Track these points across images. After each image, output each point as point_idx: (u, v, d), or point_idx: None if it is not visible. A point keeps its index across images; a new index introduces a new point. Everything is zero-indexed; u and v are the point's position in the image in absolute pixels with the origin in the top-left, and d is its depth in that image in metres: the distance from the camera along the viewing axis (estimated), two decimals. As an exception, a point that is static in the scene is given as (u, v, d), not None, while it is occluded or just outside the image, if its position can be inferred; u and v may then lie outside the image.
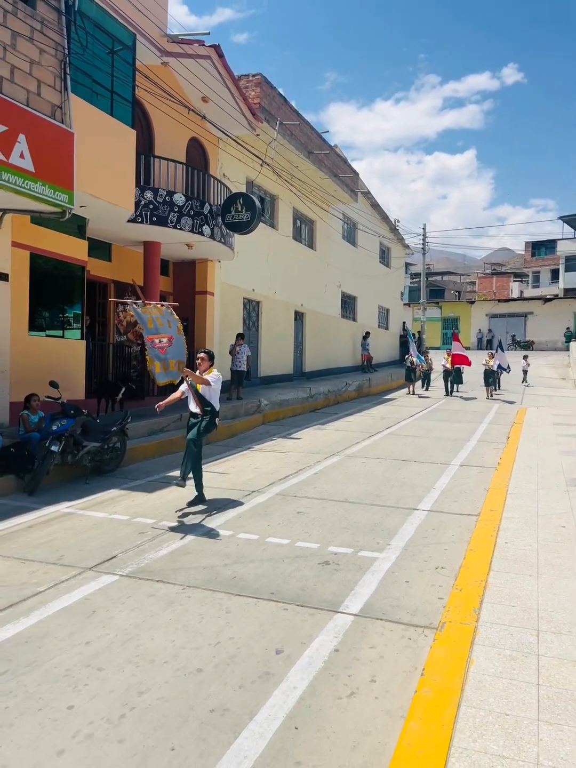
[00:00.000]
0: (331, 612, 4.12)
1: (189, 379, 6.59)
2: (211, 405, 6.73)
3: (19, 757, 2.63)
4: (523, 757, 2.40)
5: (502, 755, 2.41)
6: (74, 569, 4.83)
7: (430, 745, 2.51)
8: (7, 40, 7.82)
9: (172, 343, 6.46)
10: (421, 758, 2.43)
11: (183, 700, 3.08)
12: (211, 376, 6.71)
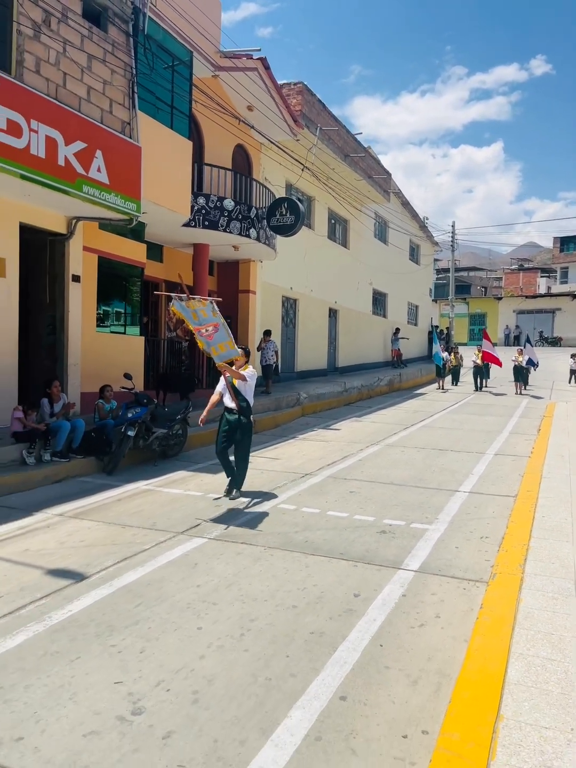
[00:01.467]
0: (394, 569, 4.85)
1: (227, 375, 6.86)
2: (246, 400, 6.95)
3: (171, 660, 3.41)
4: (567, 659, 3.11)
5: (550, 658, 3.13)
6: (168, 533, 5.63)
7: (494, 652, 3.23)
8: (83, 63, 8.65)
9: (218, 329, 6.79)
10: (487, 659, 3.16)
11: (286, 626, 3.84)
12: (247, 372, 6.95)
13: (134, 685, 3.13)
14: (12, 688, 3.09)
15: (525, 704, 2.73)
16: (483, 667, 3.11)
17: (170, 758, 2.59)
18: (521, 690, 2.85)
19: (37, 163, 7.57)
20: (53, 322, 9.82)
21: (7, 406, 8.57)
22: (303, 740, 2.72)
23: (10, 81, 7.23)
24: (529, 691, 2.84)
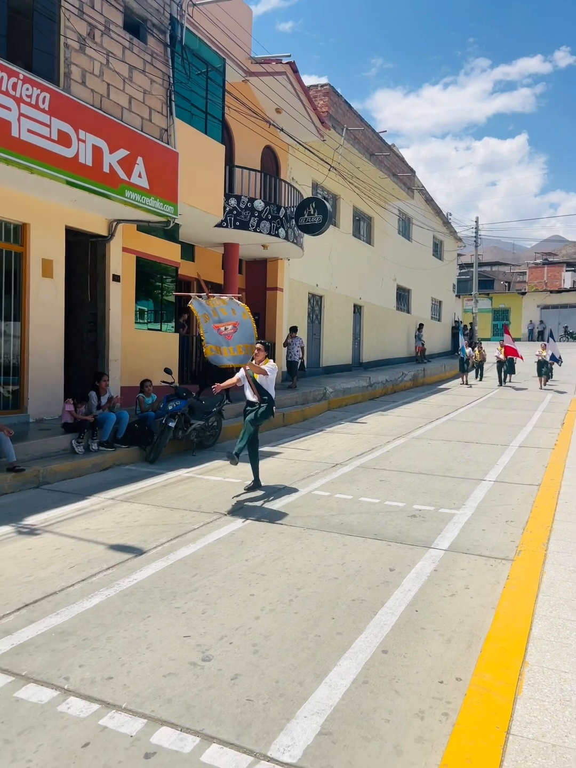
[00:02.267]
0: (425, 548, 5.24)
1: (248, 369, 6.84)
2: (269, 394, 6.96)
3: (230, 620, 3.85)
4: (586, 620, 3.49)
5: (571, 619, 3.50)
6: (214, 515, 6.08)
7: (519, 614, 3.61)
8: (125, 74, 9.14)
9: (237, 328, 6.72)
10: (514, 620, 3.54)
11: (330, 594, 4.26)
12: (268, 366, 6.94)
13: (201, 639, 3.58)
14: (96, 639, 3.56)
15: (547, 654, 3.11)
16: (510, 625, 3.50)
17: (239, 694, 3.03)
18: (544, 643, 3.23)
19: (84, 171, 8.07)
20: (94, 320, 10.36)
21: (55, 399, 9.12)
22: (352, 683, 3.13)
23: (61, 93, 7.72)
24: (551, 644, 3.22)
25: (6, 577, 4.46)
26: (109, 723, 2.78)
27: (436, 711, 2.91)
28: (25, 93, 7.16)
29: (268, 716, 2.85)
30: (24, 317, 8.74)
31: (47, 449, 7.76)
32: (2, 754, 2.57)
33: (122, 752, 2.59)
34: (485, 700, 2.76)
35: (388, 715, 2.87)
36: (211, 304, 6.70)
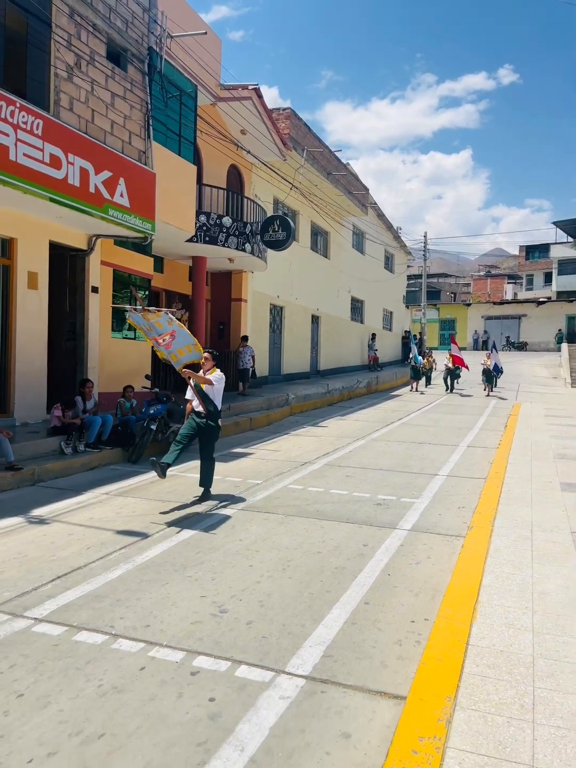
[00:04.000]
0: (391, 528, 6.10)
1: (192, 380, 6.80)
2: (214, 404, 6.93)
3: (236, 584, 4.58)
4: (523, 573, 4.40)
5: (512, 573, 4.41)
6: (203, 505, 6.79)
7: (472, 571, 4.50)
8: (108, 100, 9.78)
9: (175, 336, 6.81)
10: (468, 575, 4.42)
11: (315, 563, 5.05)
12: (214, 376, 6.89)
13: (215, 598, 4.31)
14: (127, 600, 4.24)
15: (494, 595, 4.00)
16: (465, 579, 4.38)
17: (255, 633, 3.78)
18: (492, 589, 4.12)
19: (73, 191, 8.66)
20: (73, 329, 10.88)
21: (39, 404, 9.64)
22: (343, 624, 3.93)
23: (52, 120, 8.32)
24: (497, 589, 4.11)
25: (31, 557, 5.07)
26: (156, 654, 3.49)
27: (410, 640, 3.75)
28: (22, 120, 7.74)
29: (281, 647, 3.62)
30: (11, 326, 9.23)
31: (38, 450, 8.29)
32: (77, 676, 3.25)
33: (172, 672, 3.31)
34: (449, 626, 3.61)
35: (373, 644, 3.68)
36: (146, 318, 6.85)
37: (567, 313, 46.35)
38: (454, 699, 2.80)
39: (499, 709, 2.72)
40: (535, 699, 2.80)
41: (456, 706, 2.74)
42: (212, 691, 3.14)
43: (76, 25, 9.01)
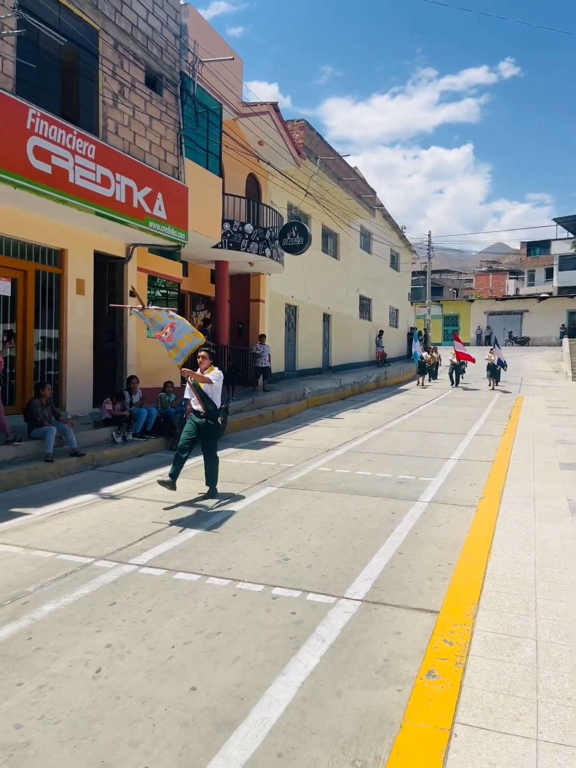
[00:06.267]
0: (413, 501, 7.09)
1: (190, 379, 6.85)
2: (213, 403, 6.97)
3: (291, 540, 5.57)
4: (527, 529, 5.39)
5: (518, 529, 5.40)
6: (247, 484, 7.79)
7: (485, 529, 5.49)
8: (147, 123, 10.75)
9: (175, 327, 7.01)
10: (482, 532, 5.41)
11: (353, 526, 6.05)
12: (212, 374, 6.91)
13: (277, 550, 5.31)
14: (206, 551, 5.24)
15: (504, 544, 4.99)
16: (480, 534, 5.37)
17: (315, 573, 4.77)
18: (502, 540, 5.11)
19: (119, 207, 9.65)
20: (112, 330, 11.88)
21: (86, 399, 10.64)
22: (383, 567, 4.92)
23: (102, 144, 9.30)
24: (506, 540, 5.10)
25: (117, 522, 6.08)
26: (242, 587, 4.49)
27: (439, 576, 4.74)
28: (78, 146, 8.72)
29: (337, 582, 4.61)
30: (62, 328, 10.23)
31: (93, 439, 9.29)
32: (187, 600, 4.25)
33: (257, 597, 4.31)
34: (470, 564, 4.61)
35: (410, 580, 4.68)
36: (147, 314, 7.10)
37: (568, 309, 47.23)
38: (478, 604, 3.79)
39: (510, 609, 3.72)
40: (537, 604, 3.79)
41: (479, 609, 3.73)
42: (292, 608, 4.13)
43: (119, 56, 9.98)
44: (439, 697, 2.78)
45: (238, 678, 3.25)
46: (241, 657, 3.47)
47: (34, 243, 9.57)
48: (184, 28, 11.44)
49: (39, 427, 8.21)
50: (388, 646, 3.61)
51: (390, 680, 3.22)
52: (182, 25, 11.37)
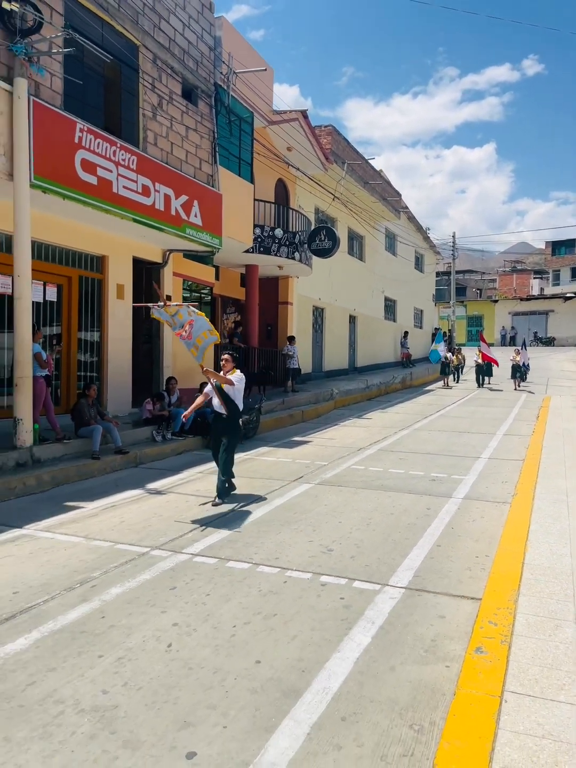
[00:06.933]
0: (447, 497, 7.31)
1: (213, 380, 6.95)
2: (235, 404, 7.05)
3: (333, 534, 5.84)
4: (561, 523, 5.60)
5: (552, 523, 5.61)
6: (284, 481, 8.08)
7: (520, 523, 5.71)
8: (183, 133, 11.13)
9: (193, 325, 6.96)
10: (517, 526, 5.63)
11: (391, 521, 6.30)
12: (235, 376, 7.00)
13: (320, 542, 5.59)
14: (254, 542, 5.54)
15: (540, 536, 5.21)
16: (515, 528, 5.59)
17: (359, 563, 5.05)
18: (538, 534, 5.33)
19: (158, 215, 10.03)
20: (149, 333, 12.27)
21: (125, 399, 11.04)
22: (423, 558, 5.17)
23: (142, 155, 9.69)
24: (541, 533, 5.32)
25: (166, 516, 6.42)
26: (291, 575, 4.78)
27: (477, 567, 4.98)
28: (121, 157, 9.12)
29: (381, 571, 4.88)
30: (103, 332, 10.64)
31: (135, 438, 9.68)
32: (241, 585, 4.55)
33: (307, 584, 4.60)
34: (508, 555, 4.84)
35: (449, 569, 4.93)
36: (168, 311, 7.05)
37: (595, 308, 46.74)
38: (518, 590, 4.03)
39: (550, 596, 3.95)
40: (575, 591, 4.02)
41: (520, 594, 3.97)
42: (340, 594, 4.41)
43: (158, 69, 10.36)
44: (488, 670, 3.04)
45: (298, 654, 3.53)
46: (298, 636, 3.76)
47: (78, 250, 9.99)
48: (219, 40, 11.81)
49: (86, 426, 8.61)
50: (433, 629, 3.87)
51: (438, 657, 3.48)
52: (216, 37, 11.73)
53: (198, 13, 11.34)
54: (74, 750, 2.68)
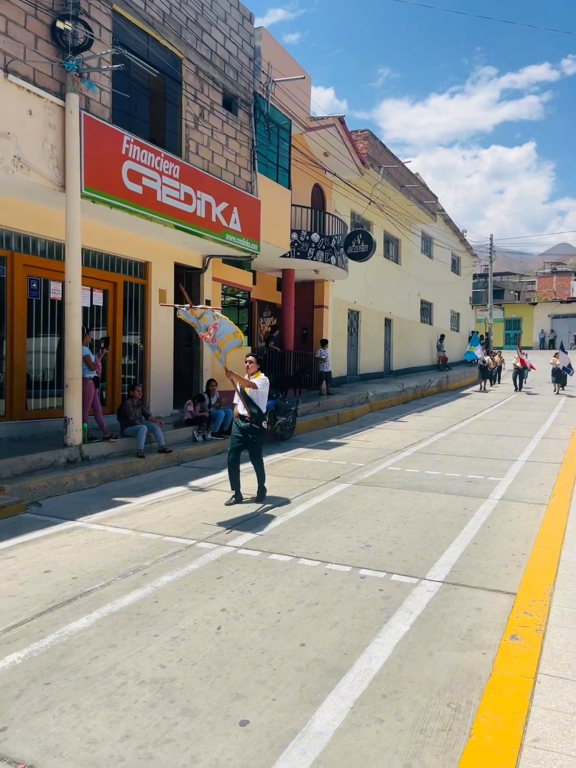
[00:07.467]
0: (484, 498, 7.40)
1: (237, 383, 6.90)
2: (258, 407, 6.99)
3: (371, 530, 6.02)
4: (599, 523, 5.67)
5: (589, 523, 5.68)
6: (321, 481, 8.28)
7: (557, 523, 5.79)
8: (223, 142, 11.45)
9: (217, 328, 6.95)
10: (554, 526, 5.71)
11: (428, 519, 6.44)
12: (259, 380, 6.97)
13: (358, 538, 5.77)
14: (294, 537, 5.75)
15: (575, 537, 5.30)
16: (552, 528, 5.67)
17: (397, 558, 5.22)
18: (575, 533, 5.41)
19: (200, 222, 10.36)
20: (189, 336, 12.62)
21: (166, 400, 11.39)
22: (460, 555, 5.30)
23: (185, 164, 10.03)
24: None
25: (209, 511, 6.69)
26: (331, 568, 4.98)
27: (513, 564, 5.09)
28: (165, 167, 9.47)
29: (418, 566, 5.04)
30: (146, 335, 11.02)
31: (177, 438, 10.00)
32: (283, 576, 4.77)
33: (347, 576, 4.79)
34: (543, 553, 4.95)
35: (486, 566, 5.05)
36: (194, 313, 7.05)
37: None
38: (553, 585, 4.15)
39: (585, 590, 4.06)
40: (610, 587, 4.12)
41: (555, 588, 4.09)
42: (379, 586, 4.59)
43: (200, 81, 10.72)
44: (522, 655, 3.19)
45: (340, 638, 3.73)
46: (340, 623, 3.96)
47: (123, 257, 10.40)
48: (258, 50, 12.11)
49: (131, 426, 8.97)
50: (470, 619, 4.02)
51: (475, 645, 3.64)
52: (256, 47, 12.04)
53: (238, 24, 11.67)
54: (137, 716, 2.93)
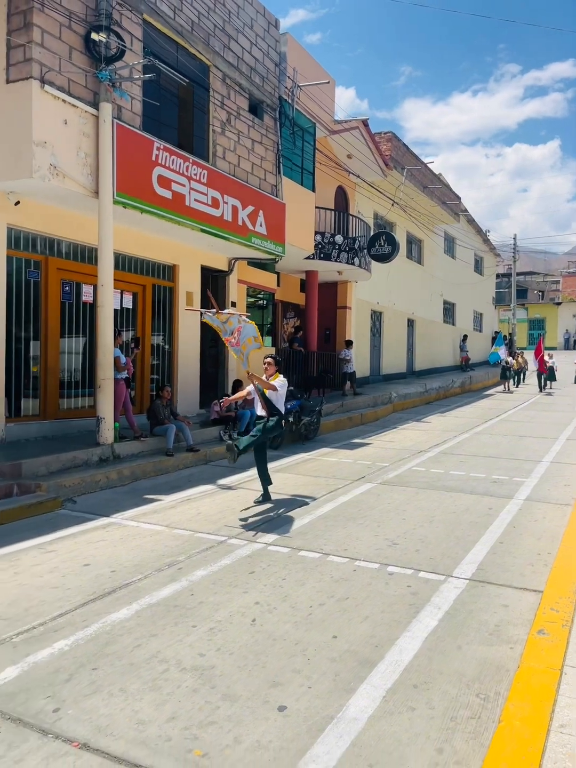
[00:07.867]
0: (509, 498, 7.46)
1: (256, 383, 6.98)
2: (277, 409, 7.06)
3: (396, 529, 6.13)
4: (625, 524, 5.72)
5: (615, 524, 5.73)
6: (347, 480, 8.40)
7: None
8: (249, 146, 11.64)
9: (241, 332, 7.09)
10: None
11: (453, 518, 6.53)
12: (277, 382, 7.05)
13: (385, 536, 5.89)
14: (322, 535, 5.90)
15: (602, 535, 5.36)
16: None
17: (423, 556, 5.33)
18: (600, 532, 5.47)
19: (226, 225, 10.55)
20: (215, 338, 12.81)
21: (193, 400, 11.61)
22: (486, 553, 5.40)
23: (212, 168, 10.23)
24: (604, 532, 5.46)
25: (237, 508, 6.86)
26: (359, 564, 5.11)
27: (539, 563, 5.17)
28: (193, 172, 9.68)
29: (445, 564, 5.15)
30: (174, 337, 11.25)
31: (204, 437, 10.21)
32: (313, 572, 4.92)
33: (375, 573, 4.92)
34: (570, 552, 5.03)
35: (512, 564, 5.14)
36: (220, 318, 7.13)
37: None
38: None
39: (611, 588, 4.14)
40: None
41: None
42: (407, 582, 4.72)
43: (227, 87, 10.91)
44: (549, 648, 3.29)
45: (371, 631, 3.87)
46: (370, 617, 4.09)
47: (152, 260, 10.64)
48: (283, 56, 12.28)
49: (160, 425, 9.19)
50: (497, 616, 4.12)
51: (502, 640, 3.75)
52: (281, 53, 12.21)
53: (264, 30, 11.84)
54: (181, 700, 3.10)
